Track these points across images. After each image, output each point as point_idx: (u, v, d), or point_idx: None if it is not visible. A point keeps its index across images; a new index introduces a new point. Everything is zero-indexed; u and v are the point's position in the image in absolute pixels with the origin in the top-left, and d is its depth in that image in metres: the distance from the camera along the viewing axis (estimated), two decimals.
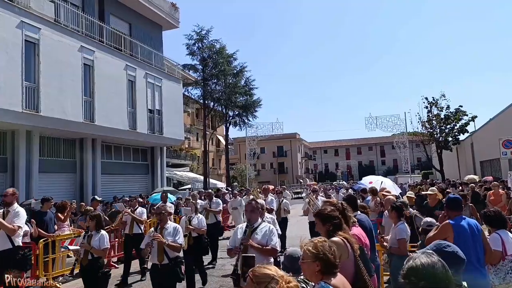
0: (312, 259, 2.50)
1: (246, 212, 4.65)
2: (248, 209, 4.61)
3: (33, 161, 14.25)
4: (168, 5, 22.15)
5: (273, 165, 66.90)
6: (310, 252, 2.52)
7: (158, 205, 6.72)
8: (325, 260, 2.47)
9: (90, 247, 5.51)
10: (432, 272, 1.79)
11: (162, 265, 5.28)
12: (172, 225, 5.52)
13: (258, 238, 4.34)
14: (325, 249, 2.51)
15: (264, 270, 2.24)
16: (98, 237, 5.61)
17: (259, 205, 4.68)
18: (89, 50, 15.56)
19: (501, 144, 15.87)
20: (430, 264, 1.82)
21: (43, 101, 13.31)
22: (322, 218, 3.50)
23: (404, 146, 33.50)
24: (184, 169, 33.68)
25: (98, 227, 5.74)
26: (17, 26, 12.63)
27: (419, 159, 63.44)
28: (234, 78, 33.84)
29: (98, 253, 5.56)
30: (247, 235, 4.36)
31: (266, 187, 12.81)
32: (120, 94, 17.29)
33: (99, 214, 6.14)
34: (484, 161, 31.28)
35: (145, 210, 9.50)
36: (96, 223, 5.72)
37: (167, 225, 5.47)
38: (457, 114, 26.68)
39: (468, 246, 3.91)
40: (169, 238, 5.29)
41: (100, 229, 5.72)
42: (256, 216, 4.56)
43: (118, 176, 19.25)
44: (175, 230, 5.44)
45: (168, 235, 5.34)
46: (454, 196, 4.56)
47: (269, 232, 4.42)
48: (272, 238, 4.37)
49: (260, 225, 4.51)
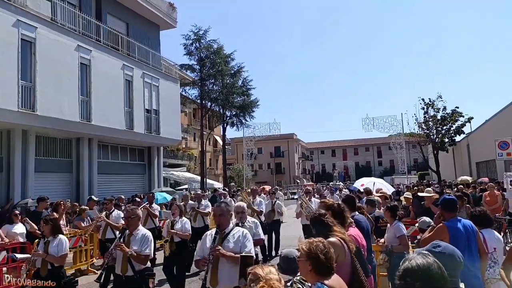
0: (305, 258, 2.56)
1: (214, 217, 4.22)
2: (216, 213, 4.14)
3: (29, 161, 14.19)
4: (165, 5, 22.11)
5: (270, 165, 66.92)
6: (303, 251, 2.58)
7: (127, 207, 6.02)
8: (316, 260, 2.51)
9: (45, 255, 4.97)
10: (428, 273, 1.80)
11: (126, 277, 4.61)
12: (141, 232, 4.81)
13: (230, 246, 3.91)
14: (318, 249, 2.54)
15: (257, 269, 2.31)
16: (55, 242, 5.09)
17: (229, 208, 4.26)
18: (86, 49, 15.51)
19: (497, 145, 15.89)
20: (425, 265, 1.83)
21: (39, 100, 13.25)
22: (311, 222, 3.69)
23: (401, 147, 33.57)
24: (181, 169, 33.62)
25: (55, 232, 5.18)
26: (13, 25, 12.57)
27: (416, 160, 63.65)
28: (231, 78, 33.82)
29: (55, 260, 4.99)
30: (217, 243, 3.92)
31: (254, 188, 12.50)
32: (117, 94, 17.25)
33: (56, 217, 5.56)
34: (480, 162, 31.43)
35: (121, 214, 8.71)
36: (52, 228, 5.15)
37: (136, 232, 4.79)
38: (454, 115, 26.81)
39: (463, 248, 3.91)
40: (135, 247, 4.63)
41: (57, 234, 5.18)
42: (226, 220, 4.13)
43: (114, 176, 19.20)
44: (143, 238, 4.73)
45: (135, 244, 4.67)
46: (450, 197, 4.53)
47: (243, 237, 4.01)
48: (246, 244, 3.97)
49: (232, 230, 4.09)
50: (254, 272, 2.36)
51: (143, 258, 4.64)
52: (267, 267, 2.45)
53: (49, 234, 5.14)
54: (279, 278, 2.32)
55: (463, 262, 2.68)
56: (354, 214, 4.91)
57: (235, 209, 5.36)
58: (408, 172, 38.05)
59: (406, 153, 34.85)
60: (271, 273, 2.32)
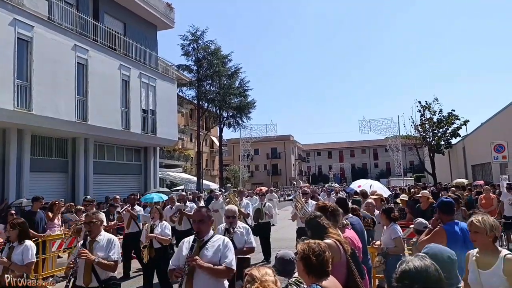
0: (298, 258, 2.62)
1: (193, 223, 3.84)
2: (195, 219, 3.75)
3: (24, 160, 14.10)
4: (163, 5, 22.09)
5: (267, 166, 66.96)
6: (298, 251, 2.63)
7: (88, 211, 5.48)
8: (307, 261, 2.54)
9: (9, 263, 4.52)
10: (425, 275, 1.81)
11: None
12: (106, 237, 4.41)
13: (209, 256, 3.53)
14: (311, 250, 2.57)
15: (253, 271, 2.32)
16: (20, 249, 4.61)
17: (210, 213, 3.86)
18: (83, 49, 15.46)
19: (493, 148, 15.97)
20: (423, 267, 1.84)
21: (35, 100, 13.18)
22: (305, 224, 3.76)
23: (397, 149, 33.71)
24: (177, 170, 33.57)
25: (22, 237, 4.70)
26: (10, 24, 12.51)
27: (412, 162, 63.83)
28: (228, 79, 33.86)
29: (20, 269, 4.54)
30: (194, 252, 3.53)
31: (241, 189, 12.18)
32: (114, 94, 17.19)
33: (24, 221, 4.98)
34: (476, 165, 31.59)
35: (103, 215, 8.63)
36: (19, 233, 4.68)
37: (100, 237, 4.38)
38: (450, 118, 26.93)
39: (460, 251, 3.95)
40: (101, 253, 4.21)
41: (24, 240, 4.70)
42: (206, 227, 3.71)
43: (110, 176, 19.13)
44: (109, 243, 4.32)
45: (100, 250, 4.25)
46: (447, 199, 4.53)
47: (224, 247, 3.60)
48: (227, 254, 3.57)
49: (212, 238, 3.68)
50: (250, 273, 2.37)
51: (112, 265, 4.23)
52: (264, 268, 2.45)
53: (14, 239, 4.66)
54: (275, 280, 2.32)
55: (455, 260, 2.83)
56: (348, 217, 4.92)
57: (225, 213, 5.12)
58: (404, 174, 38.20)
59: (402, 155, 35.00)
60: (267, 275, 2.33)
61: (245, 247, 4.88)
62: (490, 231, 3.03)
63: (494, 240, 3.09)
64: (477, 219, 3.13)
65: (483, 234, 3.04)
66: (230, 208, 5.20)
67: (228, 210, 5.11)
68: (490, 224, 3.06)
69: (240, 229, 4.97)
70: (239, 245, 4.79)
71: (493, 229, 3.05)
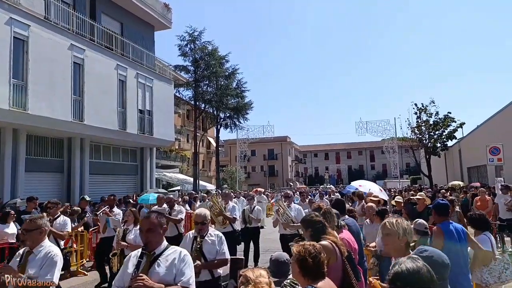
0: (294, 260, 2.62)
1: (140, 232, 3.14)
2: (143, 227, 3.04)
3: (19, 160, 14.02)
4: (160, 5, 22.06)
5: (264, 167, 66.94)
6: (294, 253, 2.63)
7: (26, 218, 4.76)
8: (302, 262, 2.55)
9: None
10: (417, 276, 1.84)
11: None
12: (44, 250, 3.60)
13: (160, 273, 2.88)
14: (306, 252, 2.58)
15: (247, 272, 2.32)
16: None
17: (162, 220, 3.13)
18: (79, 48, 15.40)
19: (488, 150, 16.07)
20: (415, 268, 1.87)
21: (31, 99, 13.11)
22: (305, 224, 3.68)
23: (394, 151, 33.86)
24: (173, 171, 33.50)
25: None
26: (6, 23, 12.43)
27: (408, 164, 64.02)
28: (225, 80, 33.81)
29: None
30: (142, 269, 2.88)
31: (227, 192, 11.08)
32: (110, 94, 17.13)
33: None
34: (471, 167, 31.73)
35: (69, 221, 7.61)
36: None
37: (38, 249, 3.61)
38: (446, 120, 26.99)
39: (457, 250, 4.12)
40: (33, 271, 3.44)
41: None
42: (156, 237, 3.02)
43: (106, 176, 19.05)
44: (46, 258, 3.53)
45: (34, 266, 3.49)
46: (442, 201, 4.70)
47: (180, 261, 2.96)
48: (183, 271, 2.92)
49: (166, 251, 3.01)
50: (245, 274, 2.38)
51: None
52: (258, 270, 2.45)
53: None
54: (269, 282, 2.32)
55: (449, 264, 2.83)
56: (344, 218, 4.93)
57: (194, 218, 4.47)
58: (400, 176, 38.37)
59: (398, 157, 35.16)
60: (261, 276, 2.33)
61: (217, 259, 4.22)
62: (403, 235, 2.89)
63: (407, 245, 2.93)
64: (390, 221, 2.99)
65: (395, 237, 2.90)
66: (199, 212, 4.44)
67: (197, 215, 4.41)
68: (403, 227, 2.92)
69: (212, 237, 4.30)
70: (209, 256, 4.19)
71: (405, 233, 2.90)
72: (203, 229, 4.30)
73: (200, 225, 4.30)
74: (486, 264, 4.59)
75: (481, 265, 4.59)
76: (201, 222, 4.31)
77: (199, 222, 4.31)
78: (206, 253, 4.20)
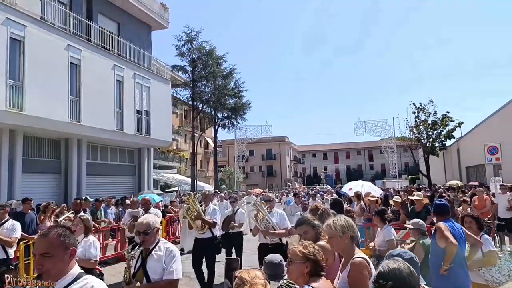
0: (302, 260, 2.57)
1: (34, 255, 2.62)
2: (37, 251, 2.23)
3: (16, 161, 13.95)
4: (157, 5, 22.00)
5: (262, 168, 66.95)
6: (301, 253, 2.59)
7: None
8: (315, 261, 2.56)
9: None
10: (398, 274, 2.02)
11: None
12: None
13: None
14: (315, 250, 2.61)
15: (243, 274, 2.30)
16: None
17: (71, 239, 2.28)
18: (76, 49, 15.33)
19: (486, 150, 16.11)
20: (396, 267, 2.06)
21: (27, 100, 13.04)
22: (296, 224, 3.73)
23: (392, 151, 33.85)
24: (171, 171, 33.45)
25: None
26: (2, 23, 12.38)
27: (407, 164, 64.05)
28: (223, 80, 33.77)
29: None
30: None
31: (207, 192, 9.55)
32: (107, 94, 17.08)
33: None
34: (470, 166, 31.78)
35: (18, 225, 6.67)
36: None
37: None
38: (444, 120, 27.01)
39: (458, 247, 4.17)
40: None
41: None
42: (56, 266, 2.17)
43: (104, 177, 18.99)
44: None
45: None
46: (441, 202, 4.73)
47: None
48: None
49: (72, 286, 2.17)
50: (240, 276, 2.34)
51: None
52: (253, 271, 2.42)
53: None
54: (265, 283, 2.28)
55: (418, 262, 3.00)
56: None
57: (136, 227, 3.53)
58: (399, 176, 38.38)
59: (397, 157, 35.15)
60: (256, 277, 2.29)
61: (163, 280, 3.32)
62: (343, 232, 2.83)
63: (351, 240, 2.88)
64: (328, 224, 2.93)
65: (337, 238, 2.85)
66: (142, 220, 3.50)
67: (139, 224, 3.47)
68: (341, 225, 2.86)
69: (159, 251, 3.40)
70: (154, 276, 3.33)
71: (345, 230, 2.85)
72: (147, 241, 3.37)
73: (143, 236, 3.37)
74: (494, 264, 4.63)
75: (488, 265, 4.63)
76: (143, 231, 3.38)
77: (142, 232, 3.38)
78: (151, 272, 3.34)
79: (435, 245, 4.32)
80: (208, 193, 8.56)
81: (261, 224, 6.28)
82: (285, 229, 6.27)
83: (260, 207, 6.52)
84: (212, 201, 9.16)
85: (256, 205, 6.74)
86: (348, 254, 2.88)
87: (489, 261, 4.63)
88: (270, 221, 6.27)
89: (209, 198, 7.98)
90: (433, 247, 4.42)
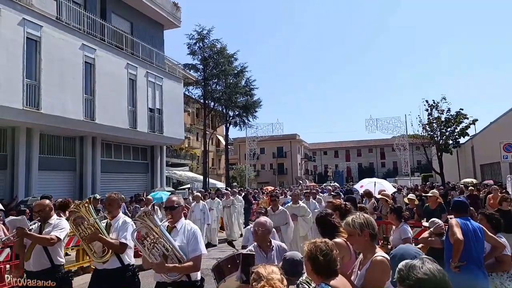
0: (306, 258, 2.60)
1: None
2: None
3: (33, 159, 14.24)
4: (170, 5, 22.15)
5: (273, 165, 66.86)
6: (305, 251, 2.62)
7: None
8: (314, 260, 2.54)
9: None
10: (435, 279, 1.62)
11: None
12: None
13: None
14: (318, 250, 2.56)
15: (259, 269, 2.33)
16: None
17: None
18: (90, 48, 15.55)
19: (502, 147, 15.84)
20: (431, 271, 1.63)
21: (43, 99, 13.30)
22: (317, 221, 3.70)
23: (404, 148, 33.48)
24: (183, 169, 33.69)
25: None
26: (19, 24, 12.62)
27: (419, 161, 63.38)
28: (234, 78, 33.85)
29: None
30: None
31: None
32: (121, 93, 17.29)
33: None
34: (485, 164, 31.32)
35: None
36: None
37: None
38: (458, 117, 26.65)
39: (471, 246, 4.08)
40: None
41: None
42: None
43: (117, 174, 19.24)
44: None
45: None
46: (460, 199, 4.67)
47: None
48: None
49: None
50: (257, 271, 2.38)
51: None
52: (270, 266, 2.45)
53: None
54: (281, 278, 2.32)
55: None
56: None
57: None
58: (411, 173, 37.96)
59: (409, 154, 34.77)
60: (273, 273, 2.33)
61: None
62: (362, 229, 2.79)
63: (372, 238, 2.82)
64: (346, 222, 2.89)
65: (356, 236, 2.82)
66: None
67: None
68: (359, 223, 2.82)
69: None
70: None
71: (364, 227, 2.80)
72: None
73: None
74: (507, 270, 4.39)
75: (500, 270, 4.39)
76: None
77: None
78: None
79: (448, 242, 4.29)
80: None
81: (149, 254, 3.40)
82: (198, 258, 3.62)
83: (151, 223, 3.50)
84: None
85: (141, 216, 3.61)
86: (368, 252, 2.86)
87: (502, 267, 4.38)
88: (170, 246, 3.46)
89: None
90: (446, 244, 4.38)
